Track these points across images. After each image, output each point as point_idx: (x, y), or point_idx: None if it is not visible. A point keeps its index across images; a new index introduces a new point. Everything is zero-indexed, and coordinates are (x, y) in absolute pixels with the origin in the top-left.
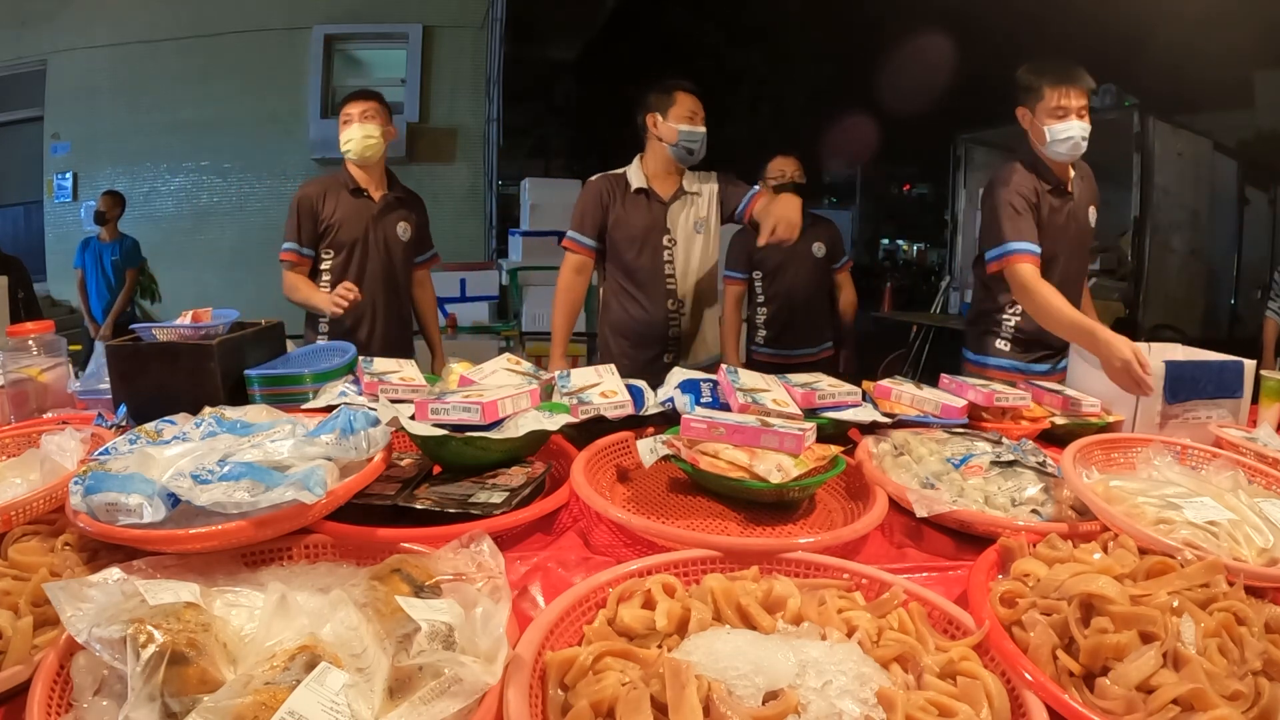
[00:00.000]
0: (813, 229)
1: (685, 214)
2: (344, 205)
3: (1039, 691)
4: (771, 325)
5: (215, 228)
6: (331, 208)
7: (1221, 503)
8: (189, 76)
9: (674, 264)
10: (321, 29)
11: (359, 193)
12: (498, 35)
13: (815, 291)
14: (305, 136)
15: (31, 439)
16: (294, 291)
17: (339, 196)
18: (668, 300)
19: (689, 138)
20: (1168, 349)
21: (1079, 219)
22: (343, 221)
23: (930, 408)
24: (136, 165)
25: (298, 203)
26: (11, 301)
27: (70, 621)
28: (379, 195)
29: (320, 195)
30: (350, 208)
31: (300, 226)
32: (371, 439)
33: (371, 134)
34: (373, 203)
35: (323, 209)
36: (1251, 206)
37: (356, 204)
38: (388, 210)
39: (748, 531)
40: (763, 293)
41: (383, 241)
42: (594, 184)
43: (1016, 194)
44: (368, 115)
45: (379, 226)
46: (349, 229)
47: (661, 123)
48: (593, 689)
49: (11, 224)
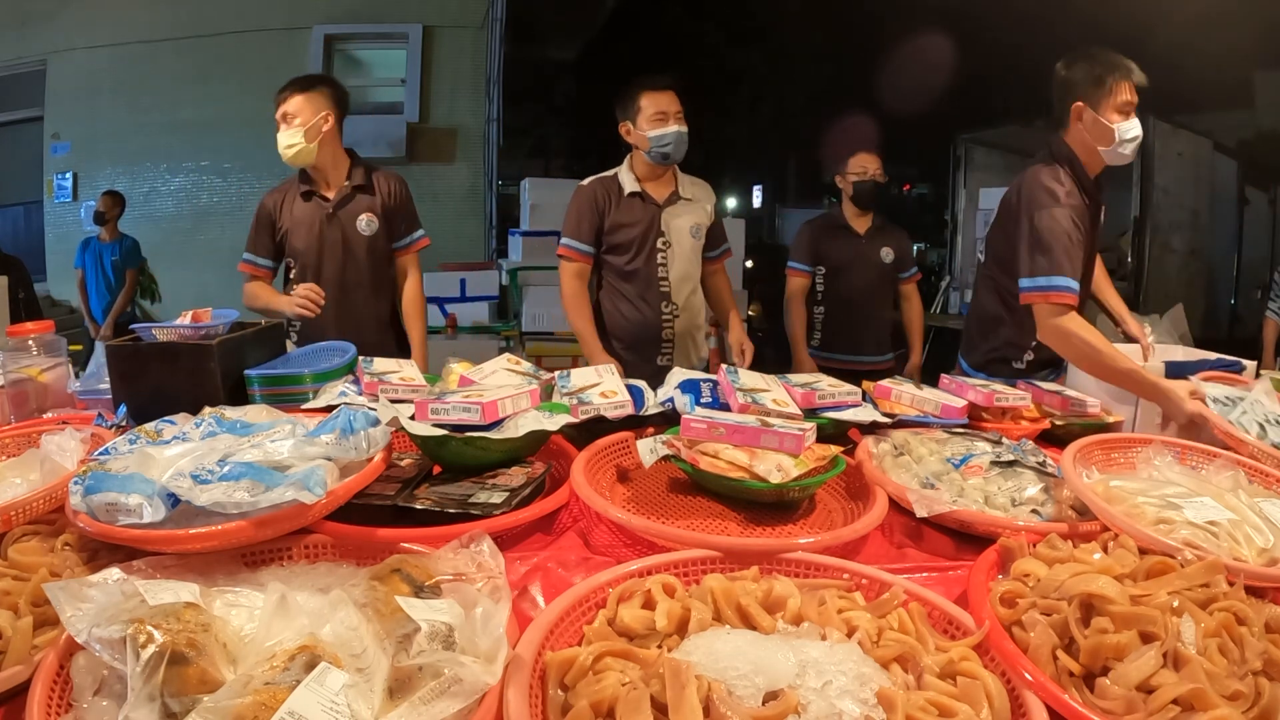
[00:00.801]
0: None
1: (681, 218)
2: (297, 210)
3: (1039, 691)
4: (826, 327)
5: (215, 228)
6: (286, 214)
7: (1221, 503)
8: (189, 76)
9: (668, 267)
10: (321, 29)
11: (310, 195)
12: (498, 35)
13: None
14: None
15: (31, 439)
16: (253, 299)
17: (294, 202)
18: (661, 303)
19: (660, 141)
20: (1168, 349)
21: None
22: (294, 227)
23: (930, 408)
24: (136, 165)
25: (256, 211)
26: (11, 301)
27: (70, 621)
28: (333, 192)
29: (278, 203)
30: (302, 212)
31: (257, 236)
32: (371, 439)
33: (293, 141)
34: (325, 202)
35: (280, 217)
36: (1251, 206)
37: (307, 207)
38: (342, 205)
39: (748, 531)
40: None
41: (339, 241)
42: (586, 189)
43: (1075, 218)
44: (288, 116)
45: (332, 226)
46: (300, 234)
47: (633, 130)
48: (593, 689)
49: (11, 224)
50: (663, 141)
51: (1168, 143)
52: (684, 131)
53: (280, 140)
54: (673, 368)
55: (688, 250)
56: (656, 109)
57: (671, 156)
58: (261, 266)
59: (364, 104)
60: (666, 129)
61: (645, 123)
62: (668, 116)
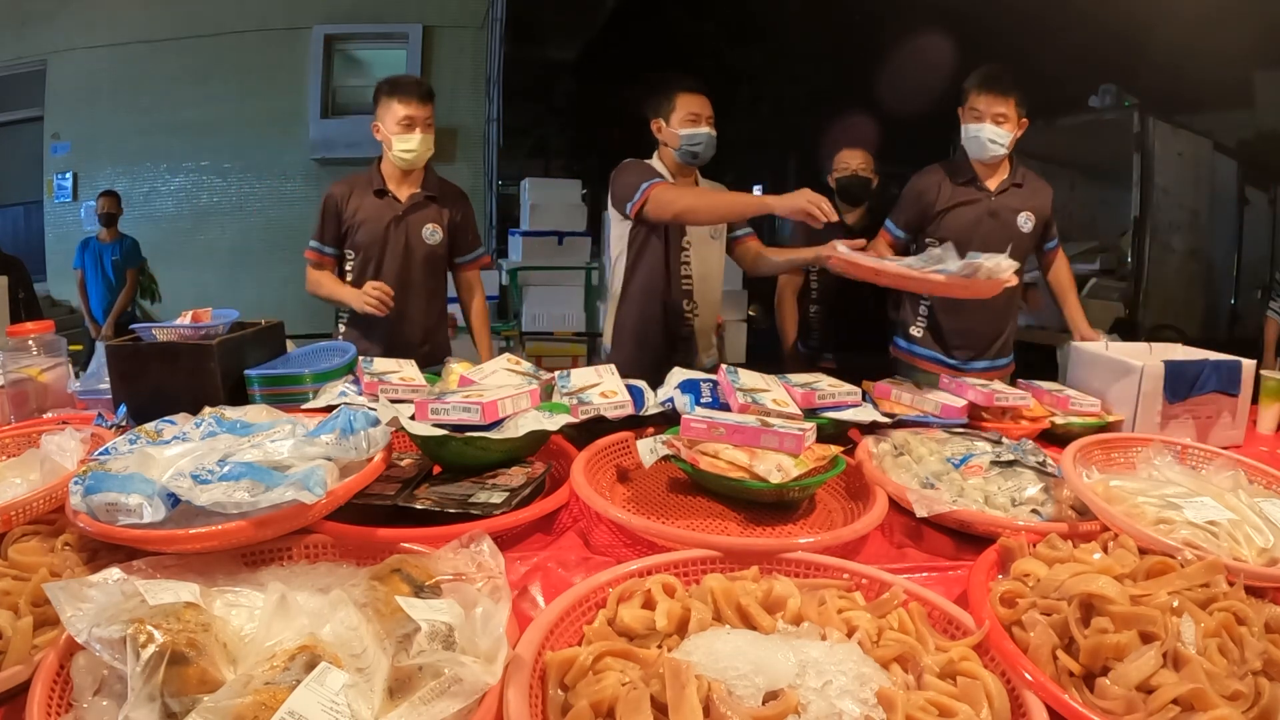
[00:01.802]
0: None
1: None
2: (366, 206)
3: (1039, 691)
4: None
5: (215, 228)
6: (355, 207)
7: (1221, 503)
8: (189, 76)
9: (691, 265)
10: (321, 29)
11: (383, 193)
12: (498, 35)
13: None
14: (305, 136)
15: (31, 439)
16: (318, 287)
17: (364, 196)
18: (683, 301)
19: (691, 141)
20: (1168, 349)
21: (1001, 219)
22: (362, 222)
23: (930, 408)
24: (136, 165)
25: (324, 201)
26: (11, 301)
27: (70, 621)
28: (406, 195)
29: (345, 195)
30: (372, 209)
31: (323, 225)
32: (371, 439)
33: (428, 149)
34: (397, 203)
35: (346, 208)
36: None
37: (378, 205)
38: (413, 211)
39: (748, 531)
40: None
41: (403, 245)
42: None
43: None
44: (430, 124)
45: (400, 229)
46: (367, 230)
47: (665, 128)
48: (593, 689)
49: (11, 224)
50: (694, 141)
51: (1168, 143)
52: (714, 135)
53: (419, 145)
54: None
55: (709, 250)
56: (690, 110)
57: (700, 157)
58: (326, 255)
59: (364, 104)
60: (699, 130)
61: (678, 122)
62: (700, 118)
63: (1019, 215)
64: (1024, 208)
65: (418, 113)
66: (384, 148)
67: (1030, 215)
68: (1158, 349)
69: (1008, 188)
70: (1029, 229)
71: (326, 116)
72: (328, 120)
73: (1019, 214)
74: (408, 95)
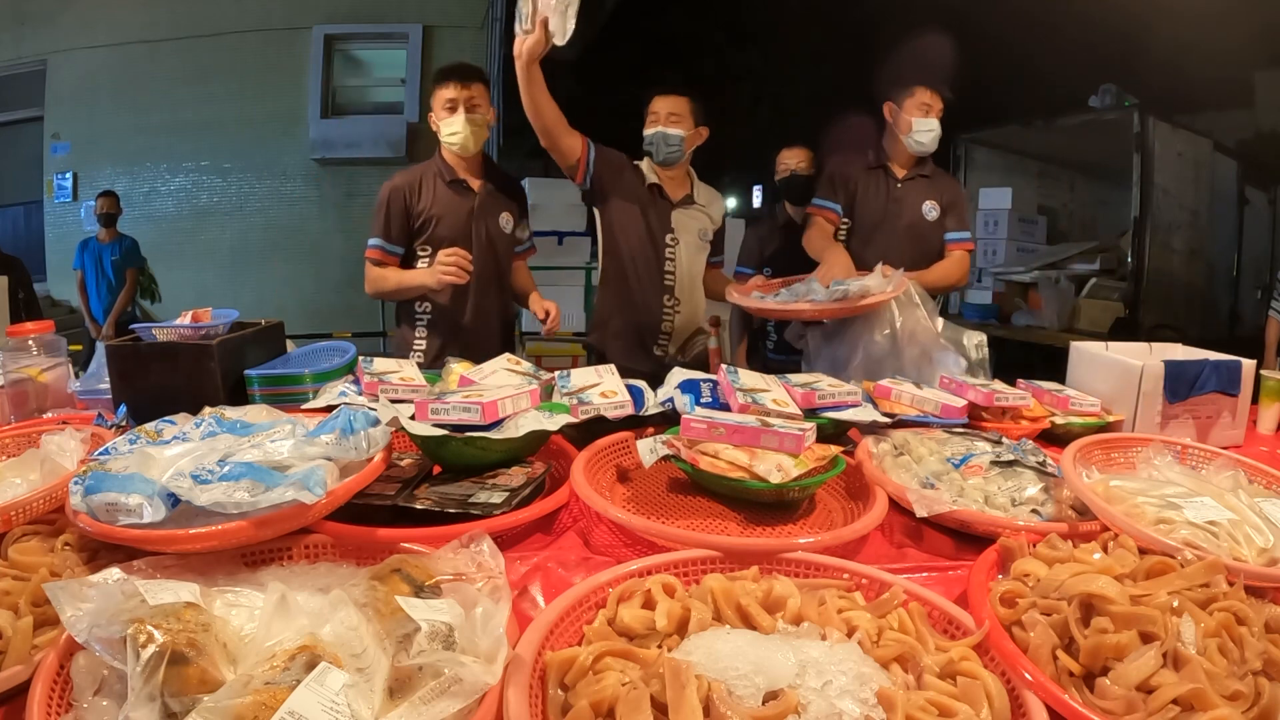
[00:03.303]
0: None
1: (691, 221)
2: (441, 198)
3: (1039, 691)
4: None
5: (215, 228)
6: (428, 200)
7: (1221, 502)
8: (189, 76)
9: (675, 263)
10: (321, 29)
11: (458, 184)
12: (498, 35)
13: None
14: (305, 136)
15: (31, 439)
16: (383, 282)
17: (435, 188)
18: (664, 296)
19: (647, 143)
20: (1168, 349)
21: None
22: (441, 215)
23: (930, 408)
24: (136, 165)
25: (388, 196)
26: (11, 301)
27: (70, 621)
28: (478, 185)
29: (413, 187)
30: (449, 201)
31: (389, 221)
32: (371, 439)
33: (479, 125)
34: (473, 194)
35: (417, 202)
36: (1251, 206)
37: (454, 197)
38: (488, 200)
39: (748, 531)
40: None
41: (485, 236)
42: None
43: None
44: (475, 104)
45: (481, 220)
46: (448, 224)
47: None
48: (593, 689)
49: (11, 224)
50: (649, 142)
51: (1168, 143)
52: (667, 133)
53: (462, 126)
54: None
55: (694, 252)
56: (652, 109)
57: (653, 156)
58: (392, 254)
59: (364, 104)
60: (653, 129)
61: (649, 121)
62: (659, 118)
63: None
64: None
65: (458, 94)
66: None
67: (935, 205)
68: (1158, 349)
69: (914, 176)
70: (934, 217)
71: (326, 116)
72: (328, 120)
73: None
74: (447, 77)
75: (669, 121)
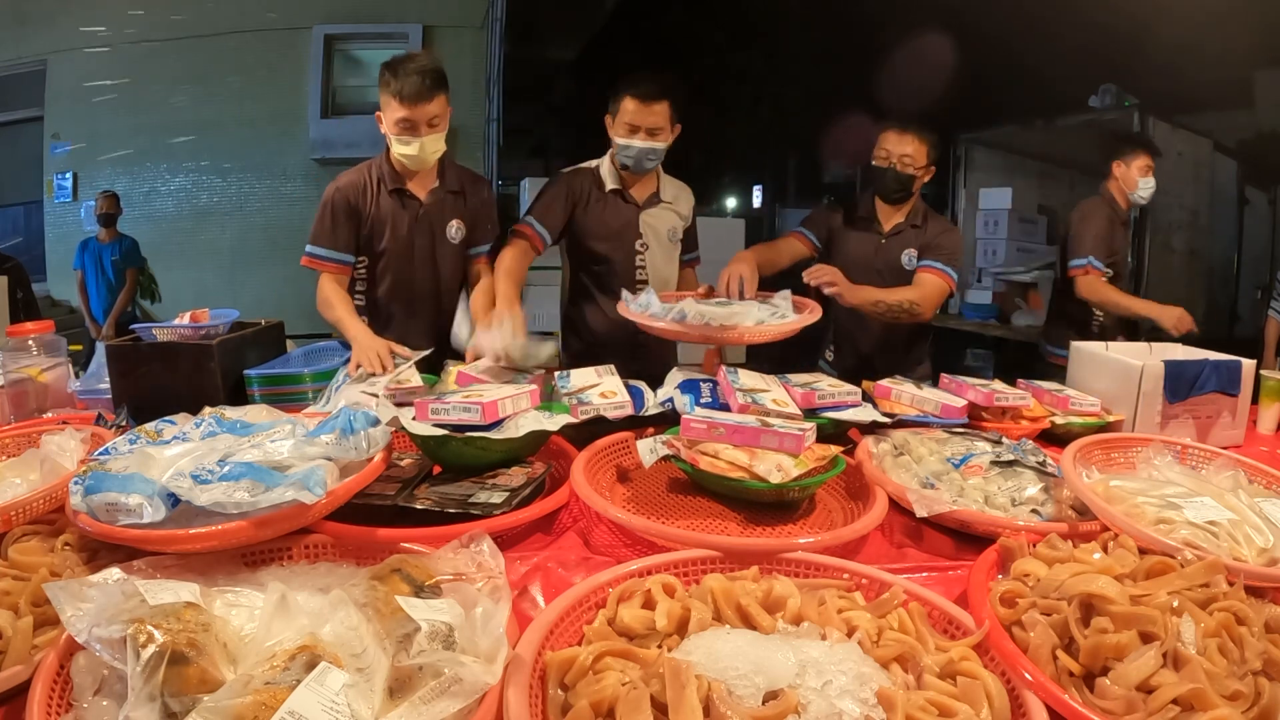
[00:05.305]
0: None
1: (660, 221)
2: (383, 206)
3: (1039, 691)
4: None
5: (215, 228)
6: (372, 209)
7: (1221, 503)
8: (189, 76)
9: (647, 269)
10: (321, 29)
11: (401, 193)
12: (498, 35)
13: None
14: (305, 136)
15: (31, 439)
16: (328, 309)
17: (379, 196)
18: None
19: (624, 152)
20: (1168, 349)
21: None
22: (379, 226)
23: (930, 408)
24: (136, 165)
25: (331, 198)
26: (11, 301)
27: (70, 621)
28: (425, 193)
29: (358, 193)
30: (388, 209)
31: (335, 229)
32: (371, 439)
33: (439, 141)
34: (417, 203)
35: (364, 209)
36: (1251, 206)
37: (395, 206)
38: (434, 210)
39: (748, 531)
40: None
41: (428, 247)
42: (564, 178)
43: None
44: (435, 121)
45: (421, 229)
46: (386, 235)
47: (611, 127)
48: (593, 689)
49: (11, 224)
50: (626, 153)
51: (1168, 143)
52: (651, 148)
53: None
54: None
55: (666, 253)
56: (630, 118)
57: (632, 169)
58: (337, 262)
59: (364, 104)
60: (631, 142)
61: (618, 126)
62: (639, 130)
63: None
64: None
65: (416, 115)
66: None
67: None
68: (1158, 349)
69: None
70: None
71: (326, 116)
72: (328, 120)
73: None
74: (404, 96)
75: (652, 136)
